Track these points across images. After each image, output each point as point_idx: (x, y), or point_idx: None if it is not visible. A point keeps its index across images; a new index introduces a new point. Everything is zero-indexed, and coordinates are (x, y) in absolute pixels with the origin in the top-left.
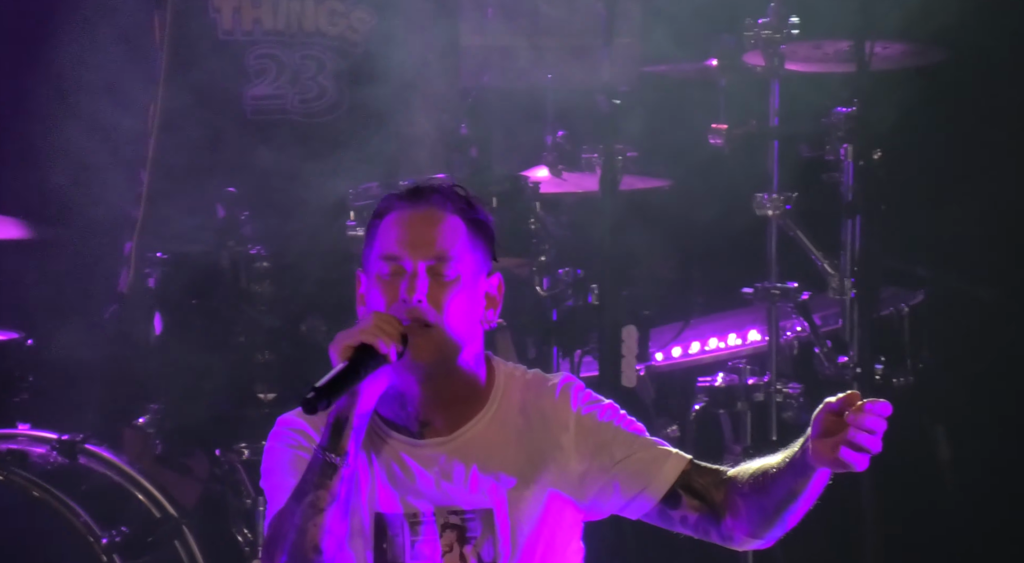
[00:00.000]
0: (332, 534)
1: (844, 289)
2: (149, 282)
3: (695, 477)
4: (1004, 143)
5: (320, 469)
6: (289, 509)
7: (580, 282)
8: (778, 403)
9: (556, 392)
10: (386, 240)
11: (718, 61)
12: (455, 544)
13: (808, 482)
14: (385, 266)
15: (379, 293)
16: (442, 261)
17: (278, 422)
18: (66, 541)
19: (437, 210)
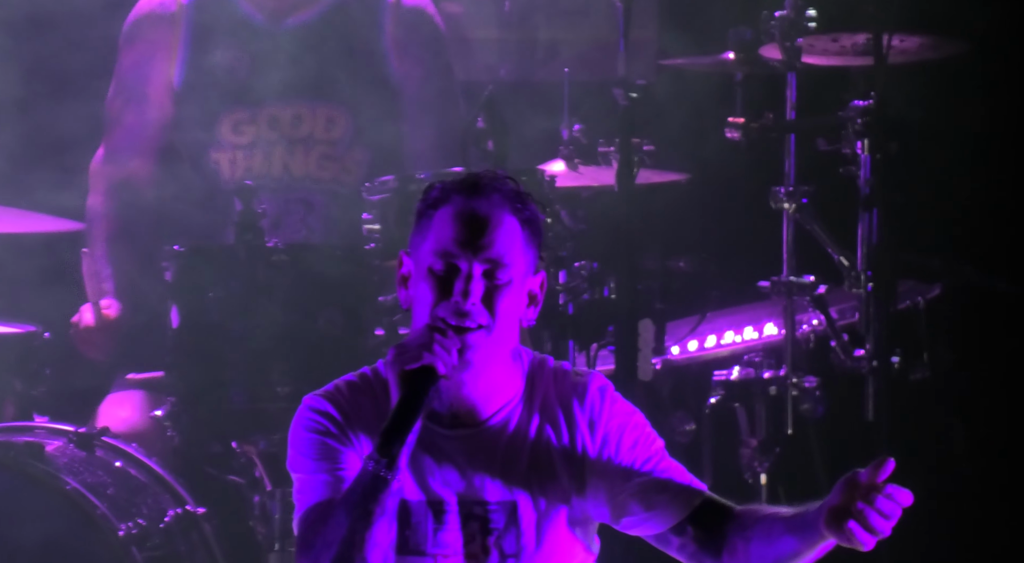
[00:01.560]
0: (379, 546)
1: (860, 283)
2: (166, 275)
3: (707, 511)
4: (1020, 135)
5: (371, 482)
6: (336, 519)
7: (596, 276)
8: (794, 397)
9: (587, 392)
10: (442, 235)
11: (735, 55)
12: (477, 535)
13: (814, 547)
14: (439, 262)
15: (429, 288)
16: (497, 265)
17: (303, 403)
18: (83, 533)
19: (495, 210)
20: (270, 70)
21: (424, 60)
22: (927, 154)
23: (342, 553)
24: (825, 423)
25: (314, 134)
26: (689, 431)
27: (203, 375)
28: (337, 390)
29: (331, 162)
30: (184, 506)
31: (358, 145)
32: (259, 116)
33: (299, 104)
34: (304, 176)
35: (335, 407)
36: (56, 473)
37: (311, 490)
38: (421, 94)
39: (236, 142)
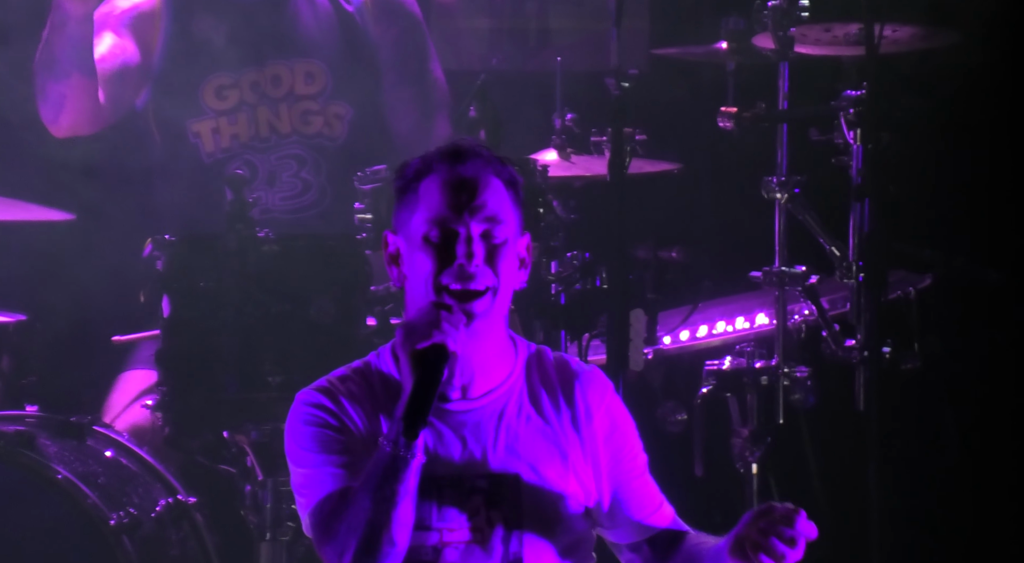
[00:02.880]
0: (406, 526)
1: (852, 273)
2: (157, 265)
3: (665, 538)
4: (1012, 126)
5: (391, 462)
6: (359, 503)
7: (588, 266)
8: (785, 387)
9: (592, 381)
10: (433, 203)
11: (727, 44)
12: (482, 508)
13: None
14: (435, 229)
15: (427, 257)
16: (494, 224)
17: (297, 399)
18: (74, 522)
19: (481, 172)
20: (248, 36)
21: (398, 22)
22: (919, 144)
23: (368, 536)
24: (816, 413)
25: (294, 90)
26: (680, 421)
27: (194, 365)
28: (329, 383)
29: (314, 116)
30: (175, 495)
31: (338, 100)
32: (241, 81)
33: (276, 64)
34: (291, 132)
35: (329, 399)
36: (47, 462)
37: (320, 483)
38: (398, 57)
39: (219, 108)
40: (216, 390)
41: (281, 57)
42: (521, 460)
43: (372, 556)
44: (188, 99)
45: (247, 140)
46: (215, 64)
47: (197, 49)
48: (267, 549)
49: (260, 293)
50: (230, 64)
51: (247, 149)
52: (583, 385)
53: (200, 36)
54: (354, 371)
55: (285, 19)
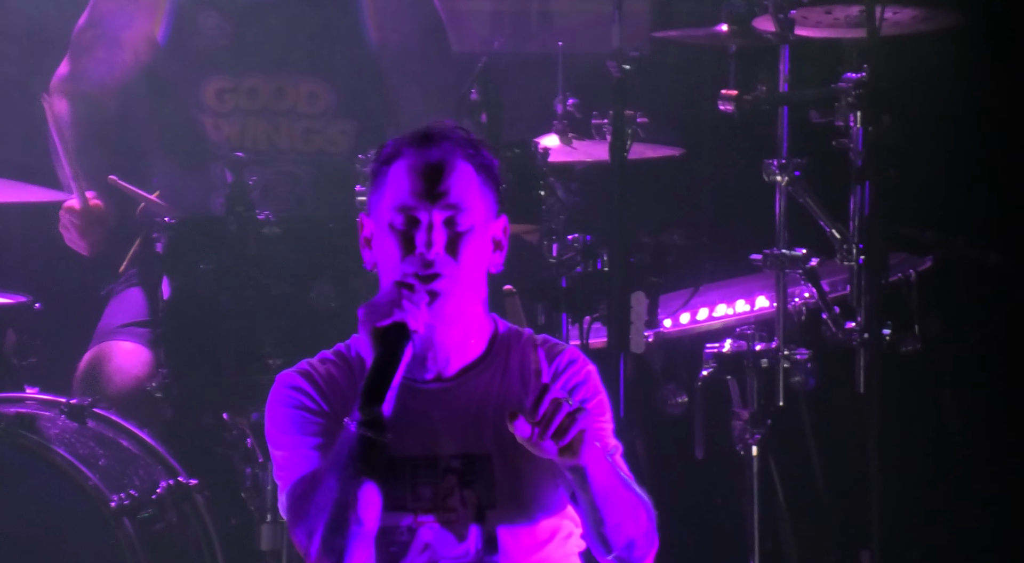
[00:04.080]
0: (372, 505)
1: (852, 255)
2: (157, 247)
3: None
4: (1013, 108)
5: (355, 443)
6: (326, 484)
7: (589, 249)
8: (785, 369)
9: (559, 356)
10: (399, 190)
11: (728, 27)
12: (455, 488)
13: (579, 486)
14: (398, 217)
15: (392, 244)
16: (457, 212)
17: (277, 381)
18: (75, 504)
19: (448, 157)
20: (251, 40)
21: (400, 27)
22: (920, 127)
23: (335, 516)
24: (816, 395)
25: (297, 108)
26: (681, 403)
27: (194, 347)
28: (310, 366)
29: (315, 135)
30: (176, 477)
31: (342, 117)
32: (240, 86)
33: (281, 77)
34: (290, 149)
35: (308, 381)
36: (47, 444)
37: (295, 464)
38: (398, 62)
39: (218, 109)
40: (216, 372)
41: (285, 70)
42: (494, 440)
43: (340, 535)
44: (190, 92)
45: (243, 147)
46: (218, 65)
47: (201, 45)
48: (267, 531)
49: (260, 276)
50: (234, 67)
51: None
52: (557, 366)
53: (205, 32)
54: (335, 354)
55: (292, 28)
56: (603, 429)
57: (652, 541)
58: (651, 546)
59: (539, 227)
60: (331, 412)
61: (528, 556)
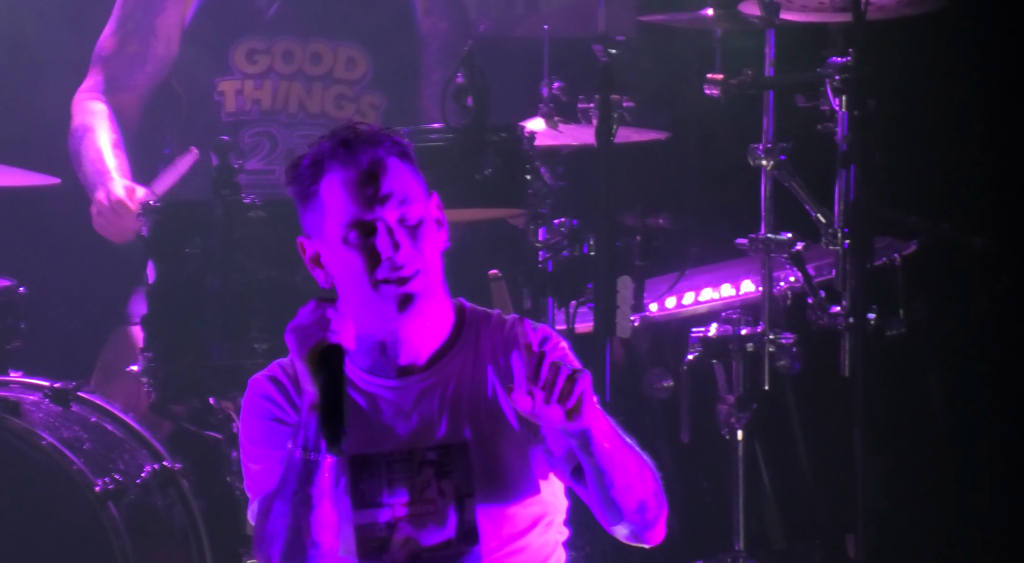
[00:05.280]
0: (327, 526)
1: (838, 240)
2: (142, 230)
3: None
4: (998, 93)
5: (304, 467)
6: (278, 509)
7: (576, 233)
8: (771, 353)
9: (528, 335)
10: (341, 205)
11: (714, 11)
12: (432, 480)
13: (582, 451)
14: (352, 232)
15: (353, 257)
16: (405, 206)
17: (249, 387)
18: (59, 488)
19: (374, 157)
20: (291, 3)
21: (449, 15)
22: (905, 111)
23: (290, 541)
24: (801, 379)
25: (333, 73)
26: (667, 387)
27: (180, 331)
28: (280, 368)
29: (348, 102)
30: (161, 461)
31: (375, 90)
32: (275, 48)
33: (319, 41)
34: (320, 113)
35: (278, 389)
36: (32, 428)
37: (260, 481)
38: (445, 49)
39: (247, 71)
40: (202, 356)
41: (325, 36)
42: (468, 427)
43: (298, 559)
44: (218, 57)
45: (268, 108)
46: (251, 26)
47: (235, 7)
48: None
49: (246, 259)
50: (266, 29)
51: (267, 118)
52: (521, 336)
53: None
54: None
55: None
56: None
57: (661, 503)
58: (661, 508)
59: (525, 211)
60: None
61: (509, 543)
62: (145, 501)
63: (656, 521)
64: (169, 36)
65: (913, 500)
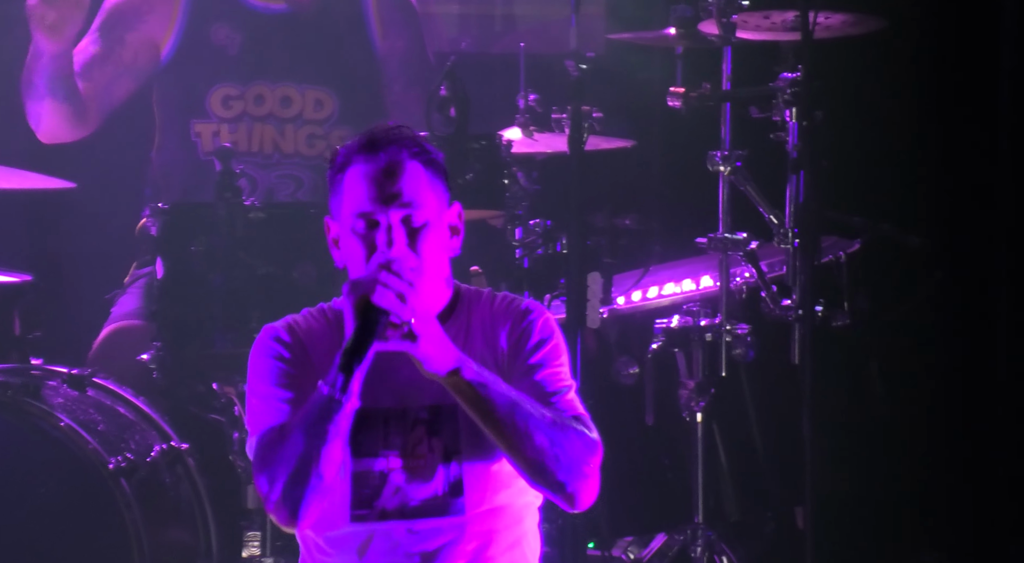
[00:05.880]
0: (333, 462)
1: (788, 239)
2: (152, 230)
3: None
4: (933, 105)
5: (326, 404)
6: (293, 438)
7: (549, 233)
8: (727, 342)
9: (517, 309)
10: (354, 197)
11: (676, 30)
12: (424, 437)
13: (462, 399)
14: (359, 222)
15: (356, 247)
16: (412, 209)
17: (263, 331)
18: (76, 466)
19: (395, 159)
20: (260, 51)
21: (405, 35)
22: (849, 121)
23: (298, 469)
24: (755, 366)
25: (303, 115)
26: (633, 374)
27: (186, 322)
28: (293, 320)
29: (319, 140)
30: (169, 442)
31: (343, 124)
32: (247, 93)
33: (288, 86)
34: (294, 153)
35: (290, 334)
36: (51, 411)
37: (268, 413)
38: (404, 69)
39: (223, 115)
40: (206, 345)
41: (293, 80)
42: None
43: (300, 487)
44: (194, 101)
45: (245, 151)
46: (224, 72)
47: (209, 55)
48: (253, 492)
49: (247, 256)
50: (240, 75)
51: (246, 160)
52: (511, 311)
53: (215, 43)
54: (317, 311)
55: (300, 40)
56: (557, 371)
57: (575, 471)
58: (573, 476)
59: (503, 213)
60: (309, 366)
61: (490, 498)
62: (154, 478)
63: (564, 487)
64: (136, 51)
65: (856, 475)
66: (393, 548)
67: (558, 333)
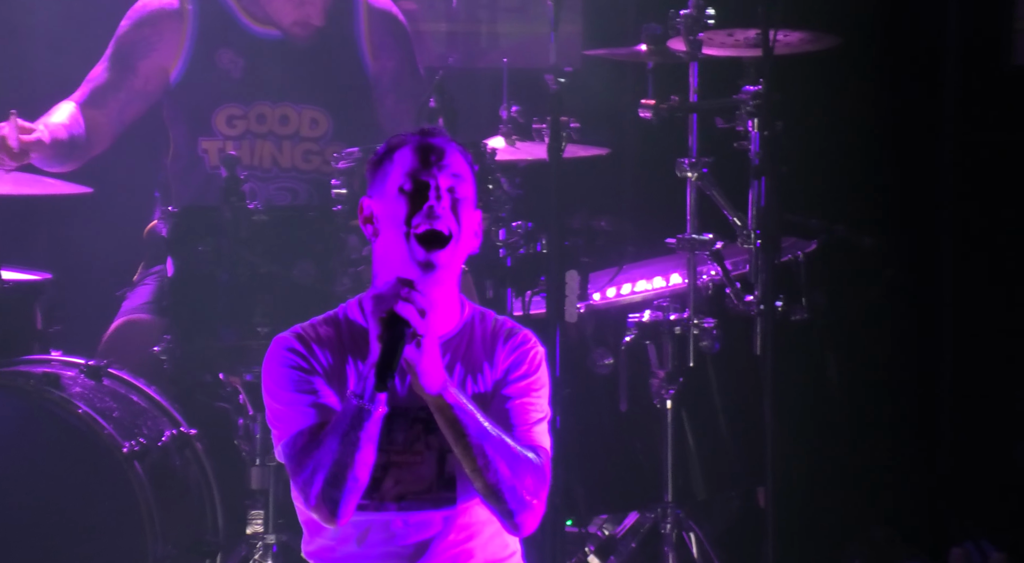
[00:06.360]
0: (367, 465)
1: (751, 239)
2: (163, 232)
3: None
4: (885, 116)
5: (357, 414)
6: (328, 444)
7: (531, 234)
8: (695, 335)
9: (511, 337)
10: (407, 163)
11: (647, 46)
12: (422, 434)
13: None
14: (408, 181)
15: (401, 204)
16: (458, 181)
17: (274, 342)
18: (93, 449)
19: (447, 144)
20: (262, 74)
21: (395, 54)
22: (807, 131)
23: (334, 473)
24: (721, 357)
25: (300, 132)
26: (608, 364)
27: (195, 317)
28: (303, 329)
29: (314, 156)
30: (179, 427)
31: (337, 141)
32: (249, 113)
33: (286, 106)
34: (291, 167)
35: (302, 343)
36: (70, 399)
37: (292, 419)
38: (395, 85)
39: (228, 133)
40: (213, 338)
41: (291, 101)
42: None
43: (338, 489)
44: (201, 119)
45: (248, 164)
46: (228, 93)
47: (215, 77)
48: (257, 473)
49: (251, 256)
50: (244, 97)
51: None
52: (506, 337)
53: (220, 67)
54: (326, 319)
55: (297, 63)
56: (534, 403)
57: (523, 504)
58: (520, 507)
59: (488, 215)
60: (320, 370)
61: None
62: (165, 461)
63: (512, 515)
64: (148, 77)
65: (813, 457)
66: (389, 538)
67: (544, 368)
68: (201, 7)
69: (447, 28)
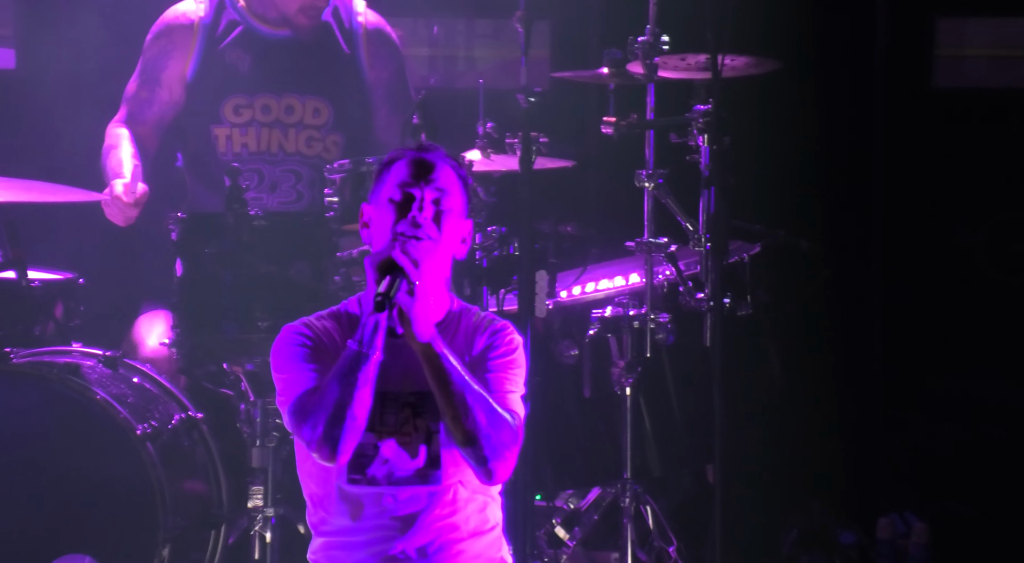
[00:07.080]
0: (364, 405)
1: (701, 242)
2: (172, 236)
3: None
4: (822, 132)
5: (356, 358)
6: (329, 388)
7: (504, 237)
8: (652, 329)
9: (489, 325)
10: (399, 175)
11: (608, 69)
12: (411, 417)
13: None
14: (398, 192)
15: (390, 213)
16: (443, 194)
17: (284, 331)
18: (109, 432)
19: (438, 161)
20: (267, 68)
21: (389, 66)
22: (751, 145)
23: (335, 412)
24: (675, 348)
25: (303, 120)
26: (574, 355)
27: (201, 312)
28: (308, 320)
29: (316, 142)
30: (187, 412)
31: (337, 130)
32: (255, 103)
33: (291, 96)
34: (295, 152)
35: (309, 329)
36: (89, 386)
37: (298, 382)
38: (388, 95)
39: (235, 121)
40: (218, 332)
41: (295, 92)
42: None
43: (338, 427)
44: (211, 109)
45: (255, 150)
46: (236, 86)
47: (223, 72)
48: (257, 453)
49: (252, 258)
50: (249, 88)
51: (256, 158)
52: (484, 326)
53: (228, 62)
54: (328, 313)
55: (302, 60)
56: (510, 377)
57: (498, 452)
58: (496, 455)
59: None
60: (326, 352)
61: (462, 471)
62: (175, 442)
63: (486, 461)
64: (171, 86)
65: (758, 439)
66: (381, 512)
67: (521, 351)
68: (213, 16)
69: (428, 52)
